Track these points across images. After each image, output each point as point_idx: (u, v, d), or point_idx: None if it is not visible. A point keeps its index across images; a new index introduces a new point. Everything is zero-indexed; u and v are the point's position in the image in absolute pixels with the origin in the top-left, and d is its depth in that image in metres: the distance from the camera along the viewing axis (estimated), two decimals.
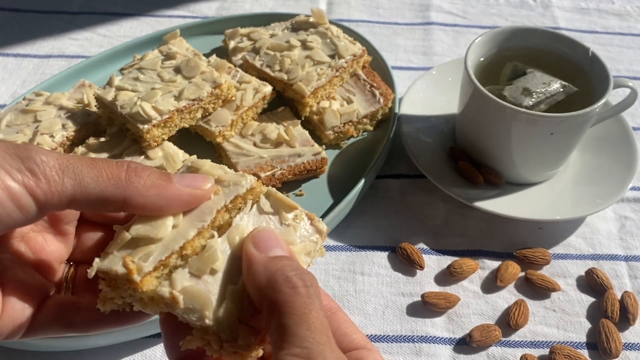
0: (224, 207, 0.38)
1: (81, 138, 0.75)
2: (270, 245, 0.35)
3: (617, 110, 0.73)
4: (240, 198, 0.39)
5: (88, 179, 0.34)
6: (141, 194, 0.36)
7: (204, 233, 0.37)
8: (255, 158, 0.73)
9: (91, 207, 0.35)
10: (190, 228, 0.37)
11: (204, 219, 0.37)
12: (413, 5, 1.10)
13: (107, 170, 0.35)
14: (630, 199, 0.77)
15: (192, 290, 0.34)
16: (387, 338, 0.63)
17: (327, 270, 0.69)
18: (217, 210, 0.38)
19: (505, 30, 0.74)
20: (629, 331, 0.64)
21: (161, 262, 0.35)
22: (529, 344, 0.63)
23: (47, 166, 0.33)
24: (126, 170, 0.36)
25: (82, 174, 0.34)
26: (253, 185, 0.40)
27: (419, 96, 0.83)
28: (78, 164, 0.35)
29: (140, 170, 0.36)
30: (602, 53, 0.99)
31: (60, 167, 0.34)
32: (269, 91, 0.79)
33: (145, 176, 0.36)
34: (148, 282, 0.35)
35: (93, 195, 0.35)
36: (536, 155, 0.70)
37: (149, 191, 0.36)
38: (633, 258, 0.71)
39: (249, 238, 0.36)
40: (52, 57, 0.97)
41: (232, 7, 1.08)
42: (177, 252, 0.36)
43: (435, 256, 0.70)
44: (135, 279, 0.34)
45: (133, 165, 0.36)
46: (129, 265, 0.34)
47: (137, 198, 0.35)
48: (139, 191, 0.36)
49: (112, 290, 0.36)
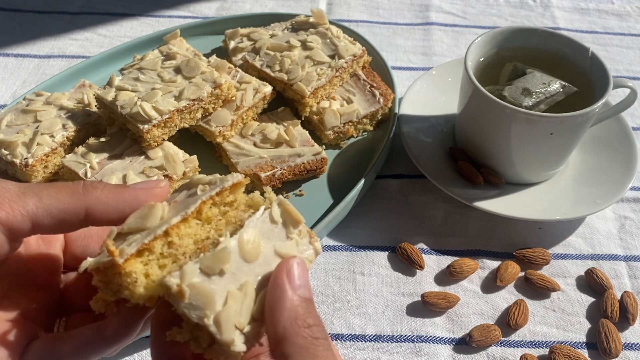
0: (209, 199, 0.39)
1: (81, 138, 0.75)
2: (301, 283, 0.36)
3: (617, 110, 0.73)
4: (227, 192, 0.40)
5: (47, 196, 0.37)
6: (101, 201, 0.38)
7: (189, 221, 0.39)
8: (255, 158, 0.73)
9: (56, 224, 0.37)
10: (175, 216, 0.38)
11: (188, 208, 0.39)
12: (413, 6, 1.10)
13: (65, 187, 0.38)
14: (629, 199, 0.78)
15: (199, 287, 0.34)
16: (387, 338, 0.63)
17: (327, 270, 0.69)
18: (202, 202, 0.39)
19: (505, 31, 0.74)
20: (628, 331, 0.64)
21: (145, 246, 0.36)
22: (528, 343, 0.63)
23: (7, 190, 0.36)
24: (83, 185, 0.38)
25: (41, 193, 0.37)
26: (240, 180, 0.41)
27: (419, 96, 0.83)
28: (36, 187, 0.37)
29: (97, 184, 0.39)
30: (602, 53, 0.99)
31: (20, 190, 0.36)
32: (269, 91, 0.79)
33: (101, 187, 0.39)
34: (132, 265, 0.36)
35: (55, 210, 0.36)
36: (536, 156, 0.70)
37: (108, 197, 0.38)
38: (633, 258, 0.71)
39: (284, 267, 0.36)
40: (53, 57, 0.97)
41: (232, 7, 1.08)
42: (161, 238, 0.37)
43: (435, 256, 0.70)
44: (117, 261, 0.35)
45: (89, 181, 0.39)
46: (110, 247, 0.35)
47: (98, 206, 0.38)
48: (98, 199, 0.38)
49: (104, 285, 0.37)
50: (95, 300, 0.39)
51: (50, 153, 0.71)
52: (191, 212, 0.38)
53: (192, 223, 0.39)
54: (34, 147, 0.70)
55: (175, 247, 0.38)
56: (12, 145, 0.70)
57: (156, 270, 0.37)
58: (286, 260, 0.37)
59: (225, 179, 0.41)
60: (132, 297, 0.36)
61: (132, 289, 0.36)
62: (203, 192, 0.40)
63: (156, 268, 0.37)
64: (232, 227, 0.39)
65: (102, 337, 0.39)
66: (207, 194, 0.39)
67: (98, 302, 0.39)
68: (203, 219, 0.40)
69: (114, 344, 0.39)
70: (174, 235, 0.38)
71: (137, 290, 0.36)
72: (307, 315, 0.35)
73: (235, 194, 0.41)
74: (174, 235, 0.38)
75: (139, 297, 0.36)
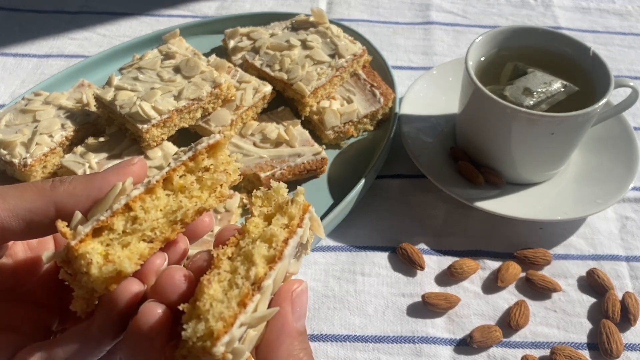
0: (181, 166, 0.37)
1: (80, 138, 0.74)
2: (301, 314, 0.36)
3: (618, 110, 0.73)
4: (202, 156, 0.37)
5: (12, 197, 0.34)
6: (69, 193, 0.35)
7: (156, 192, 0.36)
8: (255, 158, 0.73)
9: (26, 227, 0.34)
10: (136, 189, 0.35)
11: (154, 177, 0.36)
12: (413, 5, 1.10)
13: (31, 186, 0.35)
14: (631, 199, 0.77)
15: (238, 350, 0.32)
16: (388, 339, 0.63)
17: (327, 270, 0.68)
18: (172, 169, 0.36)
19: (506, 30, 0.74)
20: (629, 332, 0.63)
21: (102, 224, 0.34)
22: (529, 344, 0.62)
23: None
24: (51, 182, 0.36)
25: (5, 194, 0.34)
26: (217, 140, 0.38)
27: (419, 96, 0.83)
28: (0, 188, 0.34)
29: (65, 178, 0.36)
30: (603, 53, 0.99)
31: None
32: (269, 91, 0.78)
33: (69, 180, 0.36)
34: (86, 246, 0.33)
35: (21, 211, 0.34)
36: (537, 155, 0.70)
37: (77, 188, 0.35)
38: (634, 258, 0.71)
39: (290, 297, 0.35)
40: (52, 57, 0.96)
41: (232, 7, 1.08)
42: (122, 213, 0.34)
43: (435, 256, 0.70)
44: (70, 243, 0.33)
45: (58, 178, 0.36)
46: (61, 228, 0.33)
47: (68, 199, 0.35)
48: (67, 192, 0.35)
49: (72, 278, 0.35)
50: (75, 299, 0.35)
51: (49, 153, 0.71)
52: (155, 181, 0.35)
53: (161, 194, 0.36)
54: (32, 147, 0.70)
55: (139, 223, 0.35)
56: (10, 145, 0.70)
57: (118, 250, 0.34)
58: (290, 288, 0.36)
59: (200, 141, 0.38)
60: (91, 282, 0.33)
61: (88, 273, 0.33)
62: (174, 159, 0.37)
63: (118, 248, 0.34)
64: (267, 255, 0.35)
65: (89, 337, 0.36)
66: (179, 160, 0.37)
67: (77, 302, 0.35)
68: (175, 189, 0.37)
69: (103, 341, 0.36)
70: (138, 209, 0.35)
71: (93, 273, 0.33)
72: (302, 352, 0.34)
73: (215, 157, 0.38)
74: (138, 209, 0.35)
75: (96, 282, 0.33)
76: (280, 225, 0.37)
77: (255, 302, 0.33)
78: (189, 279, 0.35)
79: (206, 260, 0.36)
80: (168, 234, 0.36)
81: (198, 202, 0.37)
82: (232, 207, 0.68)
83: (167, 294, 0.34)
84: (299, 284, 0.36)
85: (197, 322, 0.31)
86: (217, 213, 0.67)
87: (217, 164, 0.38)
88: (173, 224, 0.36)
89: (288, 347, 0.34)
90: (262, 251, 0.35)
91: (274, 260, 0.34)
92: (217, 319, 0.31)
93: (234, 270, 0.34)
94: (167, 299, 0.34)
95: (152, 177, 0.35)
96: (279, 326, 0.34)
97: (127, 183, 0.36)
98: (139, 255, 0.35)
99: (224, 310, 0.32)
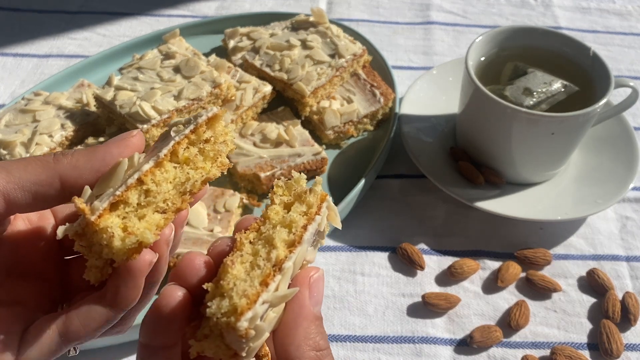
0: (184, 139, 0.38)
1: (80, 138, 0.74)
2: (318, 299, 0.36)
3: (618, 110, 0.73)
4: (202, 128, 0.39)
5: (17, 170, 0.35)
6: (73, 166, 0.36)
7: (164, 165, 0.37)
8: (255, 158, 0.73)
9: (32, 199, 0.35)
10: (147, 163, 0.36)
11: (161, 152, 0.37)
12: (413, 5, 1.10)
13: (34, 159, 0.36)
14: (631, 199, 0.77)
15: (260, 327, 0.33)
16: (388, 339, 0.63)
17: (327, 270, 0.68)
18: (176, 142, 0.37)
19: (506, 30, 0.74)
20: (630, 332, 0.63)
21: (118, 198, 0.35)
22: (530, 344, 0.62)
23: None
24: (53, 156, 0.36)
25: (9, 167, 0.35)
26: (216, 113, 0.39)
27: (420, 96, 0.83)
28: (3, 162, 0.35)
29: (67, 152, 0.37)
30: (603, 53, 0.99)
31: None
32: (269, 91, 0.78)
33: (71, 153, 0.36)
34: (106, 220, 0.34)
35: (27, 183, 0.35)
36: (537, 155, 0.70)
37: (79, 161, 0.36)
38: (634, 258, 0.71)
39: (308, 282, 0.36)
40: (51, 57, 0.96)
41: (232, 7, 1.08)
42: (135, 187, 0.36)
43: (435, 256, 0.70)
44: (89, 218, 0.33)
45: (59, 151, 0.37)
46: (79, 205, 0.34)
47: (71, 172, 0.36)
48: (70, 164, 0.36)
49: (87, 250, 0.36)
50: (88, 269, 0.36)
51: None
52: (164, 155, 0.36)
53: (169, 167, 0.37)
54: (32, 147, 0.70)
55: (153, 195, 0.36)
56: (10, 145, 0.70)
57: (135, 222, 0.35)
58: (308, 274, 0.36)
59: (199, 114, 0.39)
60: (112, 254, 0.34)
61: (110, 245, 0.34)
62: (176, 133, 0.38)
63: (135, 220, 0.35)
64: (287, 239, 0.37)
65: (105, 305, 0.37)
66: (181, 134, 0.38)
67: (91, 271, 0.36)
68: (181, 161, 0.38)
69: (117, 309, 0.37)
70: (150, 183, 0.36)
71: (115, 245, 0.34)
72: (318, 336, 0.35)
73: (214, 128, 0.39)
74: (150, 183, 0.36)
75: (118, 253, 0.34)
76: (299, 212, 0.38)
77: (277, 282, 0.34)
78: (209, 265, 0.37)
79: (229, 244, 0.37)
80: (179, 204, 0.38)
81: (204, 173, 0.39)
82: (232, 207, 0.68)
83: (187, 278, 0.36)
84: (316, 271, 0.37)
85: (221, 300, 0.33)
86: (217, 213, 0.67)
87: (216, 135, 0.40)
88: (182, 195, 0.38)
89: (305, 329, 0.35)
90: (282, 235, 0.36)
91: (294, 245, 0.36)
92: (241, 296, 0.33)
93: (256, 253, 0.36)
94: (187, 282, 0.36)
95: (161, 152, 0.37)
96: (297, 309, 0.35)
97: (136, 158, 0.37)
98: (156, 225, 0.36)
99: (247, 288, 0.33)
